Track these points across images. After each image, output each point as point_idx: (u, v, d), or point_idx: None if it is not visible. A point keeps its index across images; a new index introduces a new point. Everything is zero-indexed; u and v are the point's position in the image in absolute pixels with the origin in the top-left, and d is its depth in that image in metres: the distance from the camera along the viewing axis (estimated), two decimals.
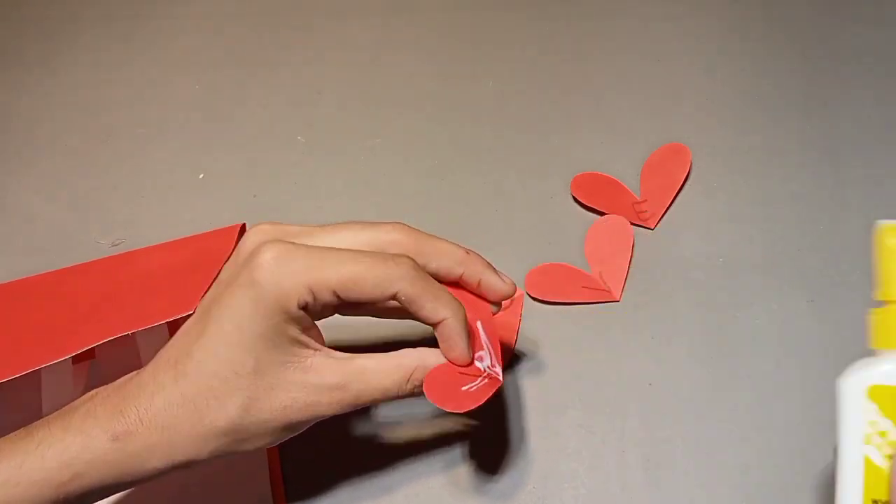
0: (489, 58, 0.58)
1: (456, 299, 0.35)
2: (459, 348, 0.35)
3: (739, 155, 0.51)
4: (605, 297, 0.45)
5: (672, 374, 0.42)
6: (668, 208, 0.49)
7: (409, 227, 0.37)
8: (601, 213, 0.49)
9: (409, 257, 0.35)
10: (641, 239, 0.48)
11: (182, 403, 0.33)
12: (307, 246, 0.34)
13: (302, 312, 0.33)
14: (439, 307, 0.34)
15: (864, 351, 0.29)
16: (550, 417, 0.41)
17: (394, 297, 0.34)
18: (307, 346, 0.34)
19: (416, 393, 0.35)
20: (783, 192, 0.49)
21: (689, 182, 0.50)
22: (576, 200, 0.50)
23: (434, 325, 0.35)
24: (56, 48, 0.63)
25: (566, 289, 0.46)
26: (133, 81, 0.60)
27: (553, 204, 0.50)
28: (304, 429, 0.35)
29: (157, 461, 0.33)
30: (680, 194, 0.49)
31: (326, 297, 0.33)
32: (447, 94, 0.56)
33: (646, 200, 0.49)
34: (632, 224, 0.48)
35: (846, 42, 0.56)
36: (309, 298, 0.33)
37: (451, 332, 0.35)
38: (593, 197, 0.49)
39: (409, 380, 0.34)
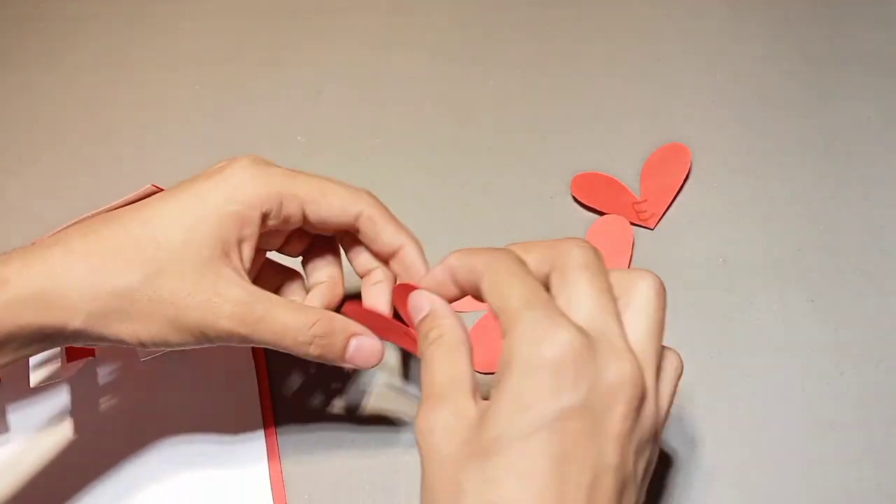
0: (489, 58, 0.58)
1: (413, 234, 0.36)
2: (421, 271, 0.35)
3: (739, 155, 0.51)
4: None
5: None
6: (667, 208, 0.49)
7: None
8: (601, 213, 0.49)
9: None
10: (641, 239, 0.48)
11: (83, 256, 0.30)
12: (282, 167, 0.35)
13: (258, 218, 0.33)
14: (401, 232, 0.36)
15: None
16: None
17: (356, 219, 0.35)
18: (236, 261, 0.33)
19: (314, 353, 0.34)
20: (783, 192, 0.49)
21: (689, 182, 0.50)
22: (576, 200, 0.50)
23: (391, 257, 0.36)
24: (56, 48, 0.63)
25: None
26: (133, 81, 0.60)
27: (553, 204, 0.50)
28: (192, 342, 0.32)
29: (31, 315, 0.30)
30: (680, 194, 0.49)
31: (292, 208, 0.34)
32: (447, 94, 0.56)
33: (646, 200, 0.49)
34: (632, 224, 0.48)
35: (846, 42, 0.56)
36: (274, 205, 0.33)
37: (412, 257, 0.35)
38: (593, 197, 0.49)
39: (312, 326, 0.33)
